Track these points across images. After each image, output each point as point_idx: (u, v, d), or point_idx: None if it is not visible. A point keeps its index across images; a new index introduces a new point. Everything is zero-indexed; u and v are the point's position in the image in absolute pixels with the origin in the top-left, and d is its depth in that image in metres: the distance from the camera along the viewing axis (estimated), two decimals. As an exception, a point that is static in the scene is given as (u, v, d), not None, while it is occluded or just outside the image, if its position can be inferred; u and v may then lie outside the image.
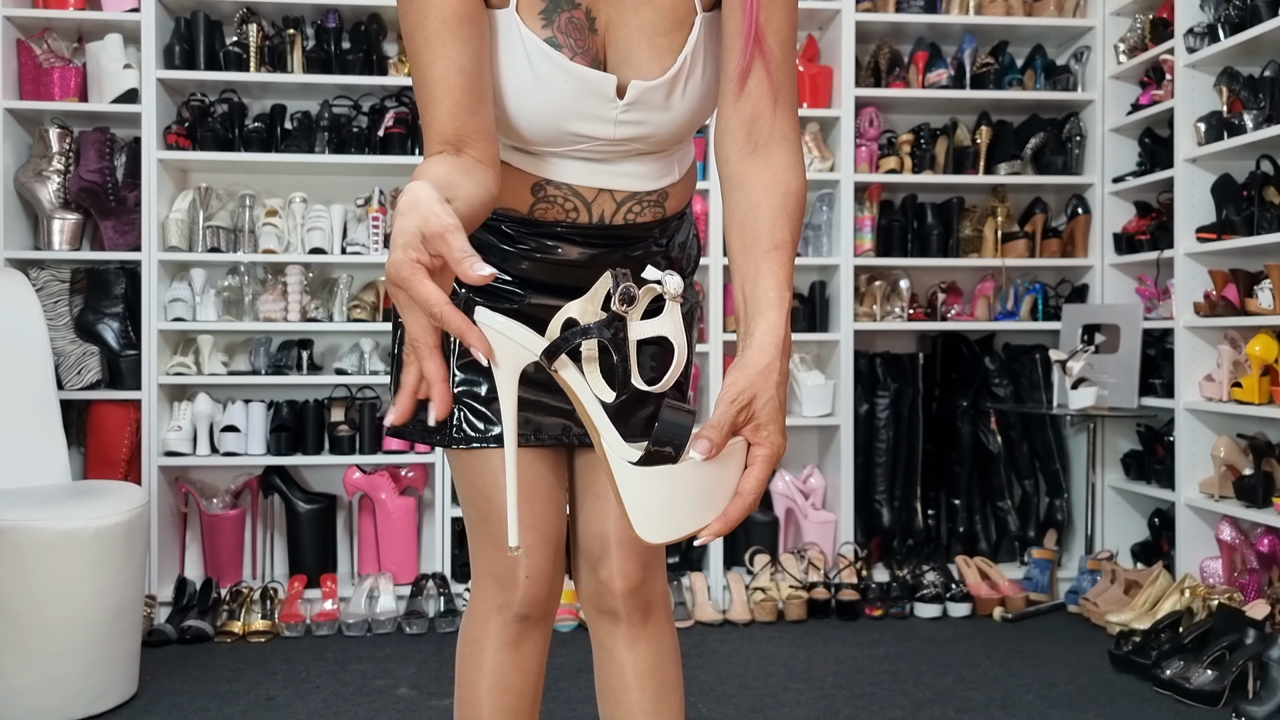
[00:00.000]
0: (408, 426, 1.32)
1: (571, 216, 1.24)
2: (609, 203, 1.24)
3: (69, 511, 2.41)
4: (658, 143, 1.21)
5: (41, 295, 3.21)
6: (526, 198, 1.23)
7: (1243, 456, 3.06)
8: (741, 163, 1.11)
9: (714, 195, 3.47)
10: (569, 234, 1.25)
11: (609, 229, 1.25)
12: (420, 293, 0.85)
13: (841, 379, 3.55)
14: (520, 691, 1.33)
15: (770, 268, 1.05)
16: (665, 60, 1.15)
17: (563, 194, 1.22)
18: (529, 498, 1.29)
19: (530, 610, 1.31)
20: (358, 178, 3.52)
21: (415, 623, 3.15)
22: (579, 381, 0.94)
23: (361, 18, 3.49)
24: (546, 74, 1.13)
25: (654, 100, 1.16)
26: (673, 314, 0.92)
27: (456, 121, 1.07)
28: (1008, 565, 3.63)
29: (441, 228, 0.86)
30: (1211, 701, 2.50)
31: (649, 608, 1.34)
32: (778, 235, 1.07)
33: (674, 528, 0.94)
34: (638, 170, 1.24)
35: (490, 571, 1.32)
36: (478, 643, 1.34)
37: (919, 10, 3.63)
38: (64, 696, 2.39)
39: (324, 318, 3.41)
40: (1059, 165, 3.69)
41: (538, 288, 1.27)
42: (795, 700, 2.60)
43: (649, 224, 1.28)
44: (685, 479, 0.93)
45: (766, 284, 1.04)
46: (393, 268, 0.87)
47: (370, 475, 3.39)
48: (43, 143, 3.28)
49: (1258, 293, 2.98)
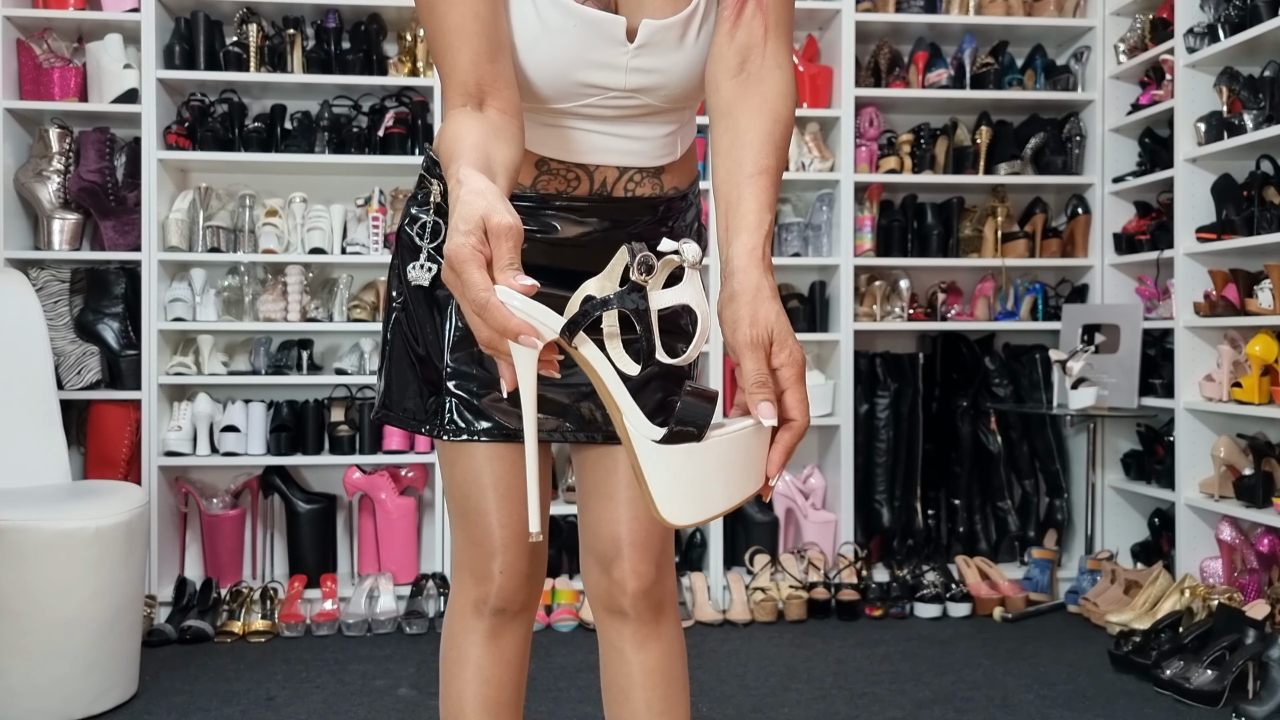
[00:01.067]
0: (394, 412, 1.32)
1: (572, 187, 1.23)
2: (611, 173, 1.23)
3: (69, 511, 2.41)
4: (669, 96, 1.19)
5: (41, 295, 3.21)
6: (530, 171, 1.22)
7: (1243, 456, 3.06)
8: (733, 90, 1.11)
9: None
10: (568, 208, 1.24)
11: (609, 200, 1.24)
12: (472, 280, 0.85)
13: (841, 379, 3.55)
14: (501, 684, 1.34)
15: (752, 191, 1.04)
16: (679, 5, 1.14)
17: (566, 167, 1.22)
18: (510, 495, 1.28)
19: (506, 604, 1.31)
20: (358, 178, 3.52)
21: (415, 623, 3.15)
22: (599, 358, 0.91)
23: (361, 18, 3.49)
24: (554, 20, 1.11)
25: (666, 42, 1.14)
26: (693, 282, 0.90)
27: (477, 70, 1.05)
28: (1008, 565, 3.63)
29: (502, 227, 0.87)
30: (1211, 701, 2.50)
31: (660, 607, 1.33)
32: (762, 161, 1.06)
33: (697, 509, 0.92)
34: (645, 140, 1.23)
35: (467, 566, 1.32)
36: (457, 637, 1.34)
37: (919, 10, 3.63)
38: (64, 696, 2.39)
39: (324, 318, 3.41)
40: (1059, 165, 3.69)
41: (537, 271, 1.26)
42: (795, 700, 2.60)
43: (647, 199, 1.27)
44: (710, 459, 0.91)
45: (747, 207, 1.03)
46: (453, 250, 0.86)
47: (370, 475, 3.39)
48: (43, 143, 3.28)
49: (1258, 293, 2.98)
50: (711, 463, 0.91)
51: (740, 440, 0.93)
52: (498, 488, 1.28)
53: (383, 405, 1.33)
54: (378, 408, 1.35)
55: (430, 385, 1.29)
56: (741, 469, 0.93)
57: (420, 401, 1.30)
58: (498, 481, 1.28)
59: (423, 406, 1.30)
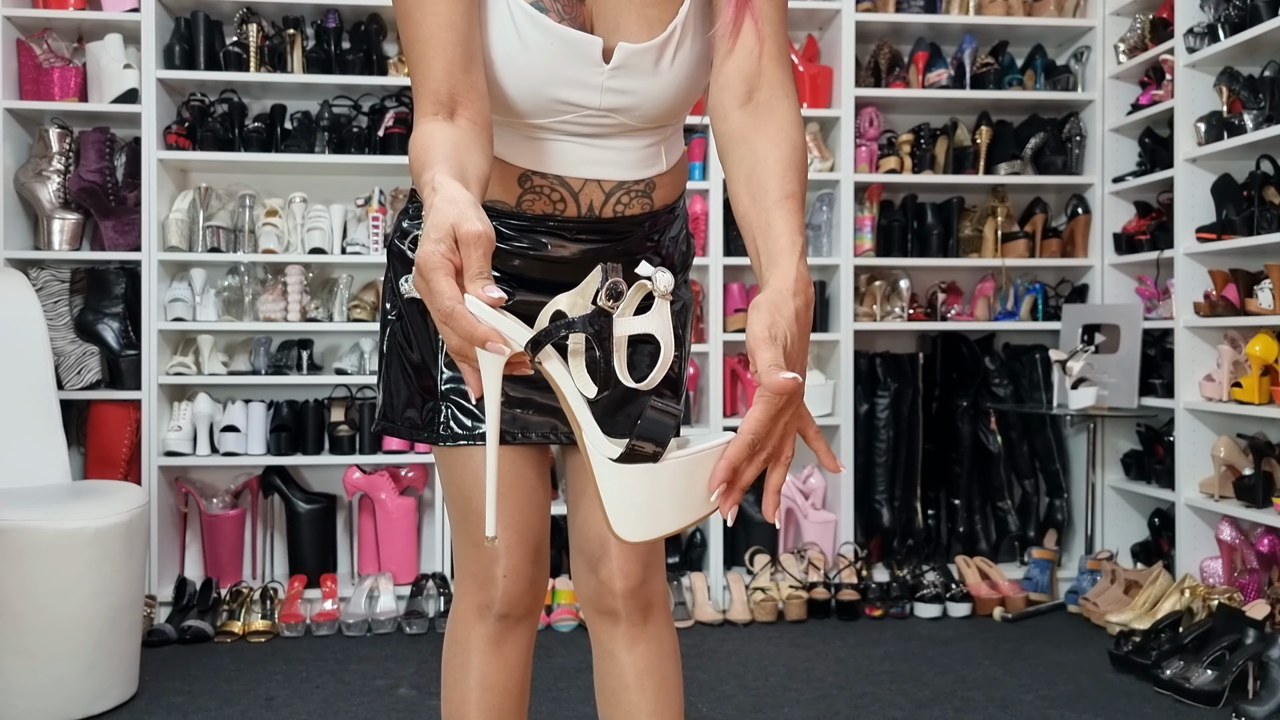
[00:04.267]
0: (396, 423, 1.32)
1: (560, 209, 1.23)
2: (597, 193, 1.23)
3: (69, 511, 2.41)
4: (644, 117, 1.20)
5: (41, 295, 3.21)
6: (514, 189, 1.22)
7: (1243, 456, 3.06)
8: (744, 119, 1.11)
9: (714, 196, 3.48)
10: (559, 229, 1.24)
11: (598, 222, 1.25)
12: (439, 288, 0.86)
13: (841, 379, 3.55)
14: (505, 690, 1.33)
15: (781, 215, 1.04)
16: (655, 30, 1.15)
17: (549, 184, 1.22)
18: (509, 497, 1.28)
19: (510, 609, 1.31)
20: (358, 178, 3.52)
21: (415, 623, 3.15)
22: (562, 375, 0.93)
23: (361, 18, 3.49)
24: (532, 38, 1.12)
25: (642, 66, 1.15)
26: (661, 311, 0.91)
27: (450, 79, 1.06)
28: (1008, 565, 3.63)
29: (472, 235, 0.87)
30: (1211, 701, 2.50)
31: (649, 607, 1.33)
32: (787, 186, 1.06)
33: (651, 527, 0.93)
34: (625, 151, 1.23)
35: (470, 570, 1.32)
36: (460, 643, 1.34)
37: (919, 10, 3.63)
38: (64, 696, 2.39)
39: (324, 318, 3.41)
40: (1059, 165, 3.69)
41: (529, 284, 1.26)
42: (795, 700, 2.60)
43: (638, 217, 1.27)
44: (665, 479, 0.92)
45: (778, 231, 1.03)
46: (423, 257, 0.87)
47: (370, 475, 3.39)
48: (43, 143, 3.28)
49: (1258, 293, 2.98)
50: (667, 483, 0.92)
51: (698, 462, 0.93)
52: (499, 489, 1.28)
53: (384, 416, 1.35)
54: (379, 419, 1.36)
55: (426, 393, 1.30)
56: (699, 490, 0.94)
57: (418, 411, 1.31)
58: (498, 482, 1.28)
59: (420, 414, 1.30)
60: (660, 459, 0.91)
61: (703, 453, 0.94)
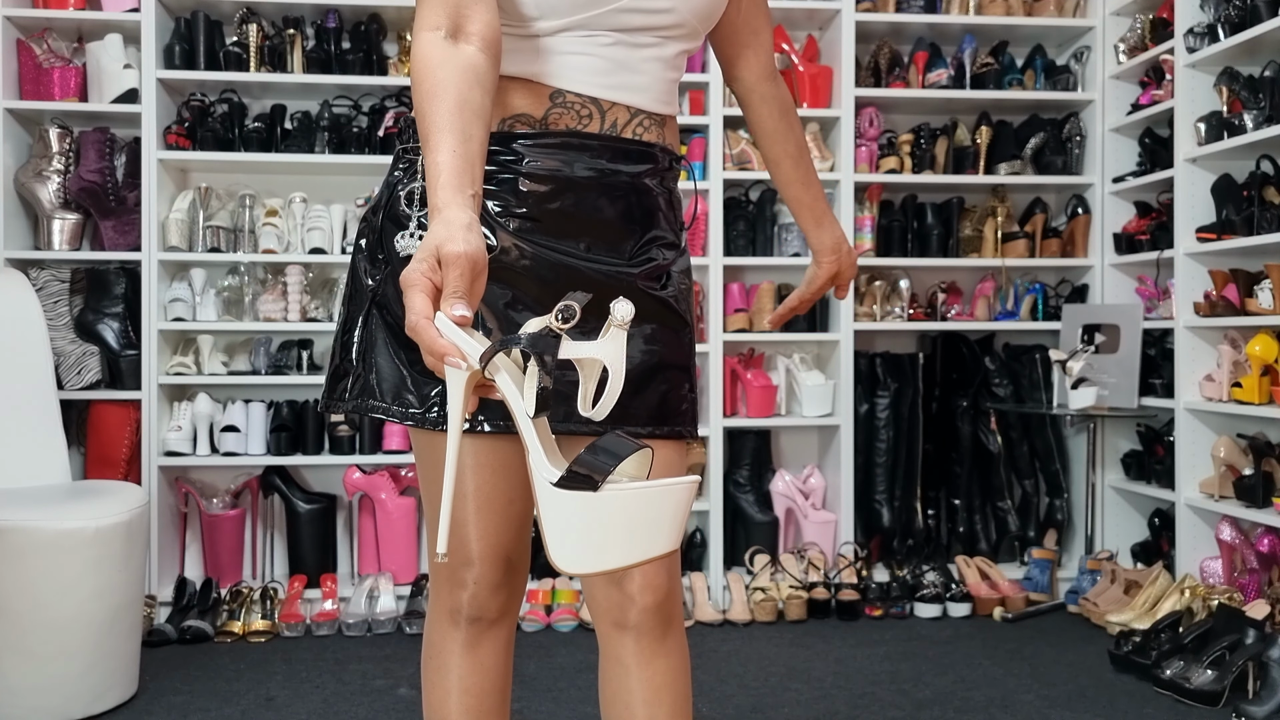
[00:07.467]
0: (386, 403, 1.25)
1: (584, 123, 1.24)
2: (623, 114, 1.26)
3: (69, 511, 2.41)
4: (690, 11, 1.26)
5: (41, 295, 3.21)
6: (544, 103, 1.23)
7: (1243, 456, 3.06)
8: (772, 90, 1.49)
9: (715, 196, 3.47)
10: (579, 144, 1.24)
11: (617, 140, 1.26)
12: (411, 304, 0.95)
13: (841, 379, 3.55)
14: (483, 692, 1.32)
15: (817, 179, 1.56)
16: None
17: (581, 101, 1.24)
18: (486, 507, 1.27)
19: (481, 614, 1.30)
20: (358, 178, 3.52)
21: (415, 623, 3.15)
22: (511, 391, 0.93)
23: (361, 18, 3.49)
24: None
25: None
26: (615, 340, 0.92)
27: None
28: (1008, 565, 3.63)
29: (452, 255, 0.95)
30: (1211, 701, 2.50)
31: (670, 620, 1.30)
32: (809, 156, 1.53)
33: (592, 559, 0.90)
34: (653, 77, 1.27)
35: (442, 571, 1.31)
36: (436, 646, 1.33)
37: (919, 10, 3.63)
38: (64, 696, 2.39)
39: (324, 318, 3.41)
40: (1059, 165, 3.69)
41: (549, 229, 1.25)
42: (795, 700, 2.60)
43: (650, 146, 1.29)
44: (609, 510, 0.89)
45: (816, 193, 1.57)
46: (405, 274, 0.96)
47: (370, 475, 3.39)
48: (43, 143, 3.28)
49: (1258, 293, 2.98)
50: (612, 514, 0.89)
51: (651, 497, 0.90)
52: (477, 498, 1.26)
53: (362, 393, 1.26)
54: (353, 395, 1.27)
55: (426, 376, 1.23)
56: (648, 527, 0.90)
57: (416, 394, 1.24)
58: (477, 492, 1.26)
59: (418, 398, 1.24)
60: (598, 488, 0.89)
61: (656, 489, 0.90)
